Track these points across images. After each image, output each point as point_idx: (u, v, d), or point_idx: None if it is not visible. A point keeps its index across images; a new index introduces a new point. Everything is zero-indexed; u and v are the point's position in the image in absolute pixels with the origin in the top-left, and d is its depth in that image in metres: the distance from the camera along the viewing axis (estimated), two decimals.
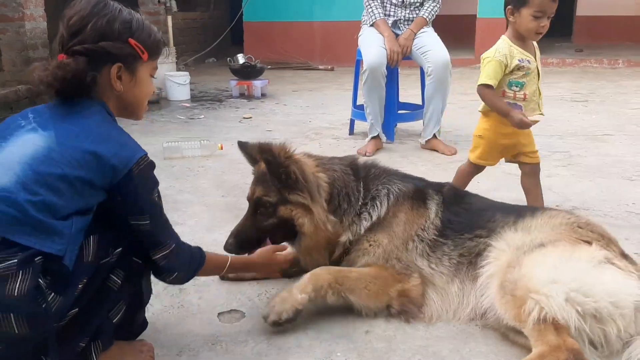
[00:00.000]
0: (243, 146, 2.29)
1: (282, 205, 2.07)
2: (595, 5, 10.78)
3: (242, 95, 6.70)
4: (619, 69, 8.44)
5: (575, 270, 1.77)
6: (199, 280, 2.33)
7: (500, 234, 2.00)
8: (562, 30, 11.57)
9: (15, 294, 1.32)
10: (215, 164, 4.00)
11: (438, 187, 2.26)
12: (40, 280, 1.37)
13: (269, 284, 2.30)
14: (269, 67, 7.28)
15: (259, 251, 2.21)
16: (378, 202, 2.15)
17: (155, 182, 1.67)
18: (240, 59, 6.84)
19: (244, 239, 2.12)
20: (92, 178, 1.48)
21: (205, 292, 2.25)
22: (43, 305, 1.37)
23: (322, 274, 1.98)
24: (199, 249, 1.88)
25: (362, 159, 2.35)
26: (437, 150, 4.22)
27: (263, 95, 6.67)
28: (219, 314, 2.11)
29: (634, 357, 1.74)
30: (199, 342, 1.93)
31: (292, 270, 2.33)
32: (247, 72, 6.67)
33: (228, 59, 6.98)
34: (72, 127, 1.53)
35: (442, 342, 1.92)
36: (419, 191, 2.19)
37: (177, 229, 2.76)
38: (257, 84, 6.62)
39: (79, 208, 1.47)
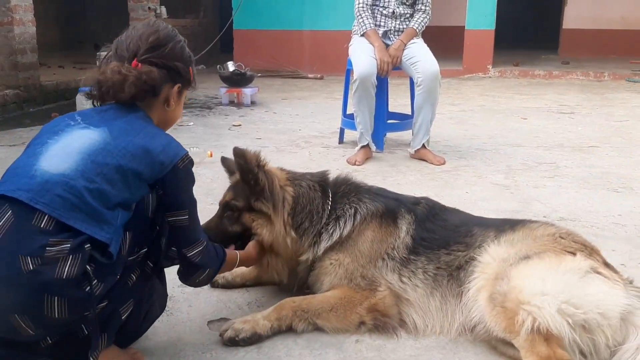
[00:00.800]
0: (224, 160, 2.35)
1: (246, 213, 2.10)
2: (581, 19, 10.95)
3: (231, 103, 6.70)
4: (604, 82, 8.56)
5: (563, 281, 1.79)
6: (188, 289, 2.32)
7: (484, 248, 2.01)
8: (548, 43, 11.75)
9: (64, 277, 1.40)
10: (204, 171, 3.98)
11: (412, 204, 2.22)
12: (87, 267, 1.44)
13: (259, 293, 2.30)
14: (259, 75, 7.29)
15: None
16: (342, 222, 2.13)
17: (194, 180, 1.79)
18: (230, 66, 6.84)
19: (211, 236, 2.01)
20: (142, 171, 1.59)
21: (194, 300, 2.24)
22: (87, 290, 1.44)
23: (287, 302, 2.00)
24: (218, 244, 1.93)
25: (334, 175, 2.32)
26: (426, 160, 4.25)
27: (253, 103, 6.67)
28: (209, 322, 2.10)
29: None
30: (188, 350, 1.92)
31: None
32: (237, 80, 6.67)
33: (218, 66, 6.98)
34: (124, 125, 1.65)
35: (432, 351, 1.93)
36: (389, 210, 2.16)
37: None
38: (247, 92, 6.62)
39: (124, 200, 1.56)
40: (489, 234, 2.06)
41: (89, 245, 1.46)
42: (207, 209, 3.22)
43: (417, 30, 4.35)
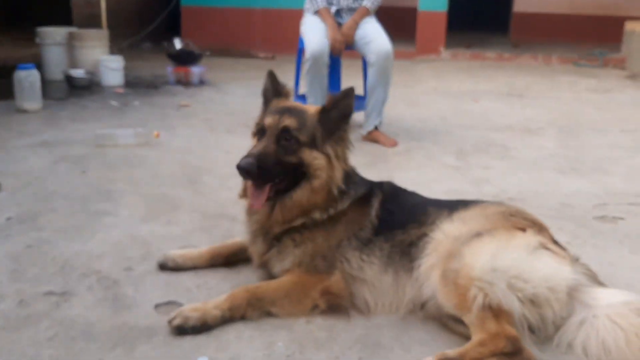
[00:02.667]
0: (273, 76, 2.22)
1: (307, 148, 1.98)
2: (531, 3, 11.13)
3: (179, 82, 6.49)
4: (552, 65, 8.76)
5: (513, 257, 1.81)
6: (134, 272, 2.24)
7: (437, 225, 2.02)
8: (499, 26, 11.92)
9: None
10: (150, 152, 3.86)
11: (380, 186, 2.24)
12: None
13: (208, 275, 2.23)
14: (208, 53, 7.08)
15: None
16: (345, 197, 2.10)
17: None
18: (177, 44, 6.62)
19: (264, 166, 1.93)
20: None
21: (141, 284, 2.16)
22: None
23: (240, 294, 1.94)
24: None
25: None
26: (378, 142, 4.23)
27: (201, 82, 6.49)
28: (156, 305, 2.03)
29: (563, 340, 1.81)
30: (134, 334, 1.85)
31: (235, 259, 2.31)
32: (185, 58, 6.47)
33: (165, 43, 6.76)
34: None
35: (383, 330, 1.92)
36: (370, 193, 2.18)
37: (110, 220, 2.72)
38: (195, 71, 6.44)
39: None
40: (443, 212, 2.07)
41: None
42: (154, 192, 3.15)
43: (370, 9, 4.31)
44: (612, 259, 2.46)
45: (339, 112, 2.05)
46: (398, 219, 2.11)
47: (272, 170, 1.95)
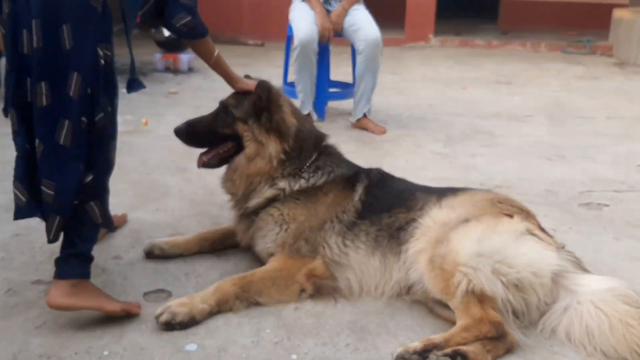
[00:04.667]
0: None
1: (240, 123, 2.16)
2: None
3: (167, 69, 6.45)
4: (541, 52, 8.77)
5: (499, 242, 1.84)
6: (122, 261, 2.25)
7: (426, 211, 2.04)
8: (488, 13, 11.91)
9: None
10: (139, 140, 3.85)
11: (367, 172, 2.29)
12: None
13: (196, 263, 2.25)
14: None
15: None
16: (319, 173, 2.19)
17: None
18: (165, 31, 6.56)
19: (194, 130, 2.24)
20: None
21: (129, 272, 2.17)
22: None
23: (227, 287, 1.95)
24: None
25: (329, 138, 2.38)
26: (367, 129, 4.25)
27: (190, 69, 6.45)
28: (145, 293, 2.05)
29: (547, 325, 1.84)
30: (123, 322, 1.86)
31: (221, 247, 2.34)
32: (173, 45, 6.40)
33: (152, 30, 6.70)
34: None
35: (370, 316, 1.95)
36: (354, 176, 2.24)
37: None
38: (184, 58, 6.39)
39: None
40: (432, 198, 2.10)
41: None
42: (142, 179, 3.14)
43: None
44: (596, 245, 2.50)
45: (255, 104, 2.16)
46: (385, 204, 2.15)
47: (201, 136, 2.23)
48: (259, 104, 2.14)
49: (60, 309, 1.80)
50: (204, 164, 2.26)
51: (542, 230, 2.03)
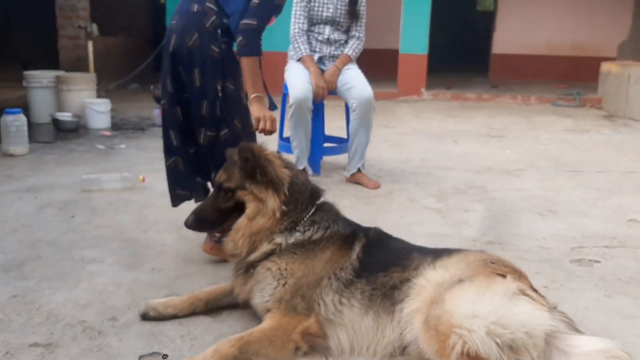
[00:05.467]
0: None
1: (239, 191, 2.25)
2: (510, 44, 11.48)
3: None
4: (531, 105, 8.98)
5: (492, 303, 1.86)
6: (118, 322, 2.26)
7: (420, 272, 2.08)
8: (479, 67, 12.25)
9: None
10: (136, 197, 3.90)
11: (366, 231, 2.34)
12: None
13: (191, 325, 2.26)
14: None
15: None
16: (315, 227, 2.24)
17: None
18: None
19: (202, 218, 2.33)
20: None
21: (125, 334, 2.18)
22: None
23: (225, 348, 1.97)
24: None
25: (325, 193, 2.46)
26: (361, 184, 4.32)
27: None
28: (141, 357, 2.05)
29: None
30: None
31: (216, 306, 2.36)
32: None
33: (152, 86, 6.85)
34: None
35: None
36: (352, 234, 2.28)
37: (96, 268, 2.74)
38: None
39: None
40: (427, 258, 2.14)
41: None
42: (139, 238, 3.18)
43: (352, 56, 4.45)
44: (588, 303, 2.52)
45: (244, 166, 2.25)
46: (381, 262, 2.17)
47: (212, 219, 2.33)
48: (247, 165, 2.22)
49: None
50: (217, 239, 2.37)
51: (534, 290, 2.05)
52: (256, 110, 2.77)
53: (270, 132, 2.82)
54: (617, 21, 11.29)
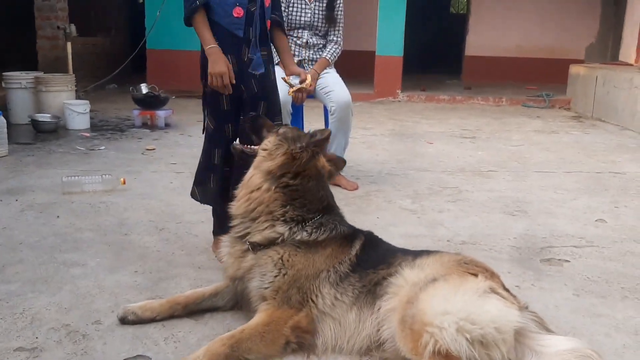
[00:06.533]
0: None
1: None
2: (482, 47, 11.69)
3: (144, 125, 6.58)
4: (502, 107, 9.17)
5: (463, 300, 1.93)
6: (102, 325, 2.30)
7: (399, 271, 2.16)
8: (453, 69, 12.45)
9: None
10: (117, 199, 3.92)
11: (364, 232, 2.46)
12: None
13: (175, 328, 2.30)
14: (173, 96, 7.20)
15: None
16: (322, 230, 2.29)
17: None
18: (144, 88, 6.73)
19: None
20: None
21: (109, 337, 2.22)
22: None
23: (217, 347, 2.01)
24: None
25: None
26: (340, 186, 4.39)
27: (167, 125, 6.59)
28: None
29: None
30: None
31: (196, 309, 2.40)
32: (151, 102, 6.57)
33: (130, 88, 6.85)
34: None
35: None
36: (353, 233, 2.39)
37: (78, 271, 2.77)
38: (161, 114, 6.54)
39: None
40: (408, 257, 2.25)
41: None
42: (121, 240, 3.21)
43: (330, 60, 4.53)
44: (558, 302, 2.62)
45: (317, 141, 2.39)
46: (373, 260, 2.28)
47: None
48: (316, 140, 2.32)
49: None
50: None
51: (506, 290, 2.15)
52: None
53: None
54: (585, 25, 11.59)
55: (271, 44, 3.07)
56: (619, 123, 7.43)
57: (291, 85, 3.32)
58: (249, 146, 2.53)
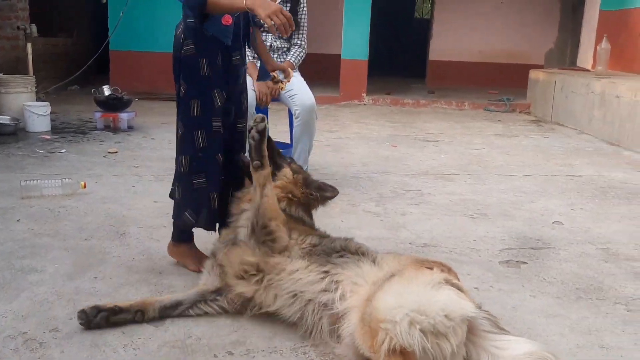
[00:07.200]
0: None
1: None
2: (445, 51, 11.88)
3: (107, 128, 6.48)
4: (465, 111, 9.34)
5: (416, 292, 1.96)
6: (60, 333, 2.27)
7: (360, 267, 2.22)
8: (417, 73, 12.62)
9: None
10: (77, 203, 3.85)
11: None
12: None
13: (135, 334, 2.28)
14: (137, 98, 7.10)
15: None
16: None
17: None
18: (106, 90, 6.62)
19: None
20: None
21: (67, 345, 2.19)
22: None
23: None
24: None
25: None
26: None
27: (130, 127, 6.50)
28: None
29: None
30: None
31: (155, 317, 2.39)
32: (113, 104, 6.47)
33: (92, 90, 6.73)
34: None
35: None
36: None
37: (36, 277, 2.73)
38: (124, 117, 6.44)
39: None
40: (370, 255, 2.33)
41: None
42: (81, 245, 3.16)
43: (294, 63, 4.54)
44: (515, 303, 2.68)
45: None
46: (337, 245, 2.40)
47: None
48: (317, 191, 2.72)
49: None
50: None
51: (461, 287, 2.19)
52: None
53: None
54: (544, 31, 11.90)
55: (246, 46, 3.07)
56: (576, 127, 7.65)
57: (280, 81, 3.43)
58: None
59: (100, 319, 2.28)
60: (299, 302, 2.24)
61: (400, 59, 14.10)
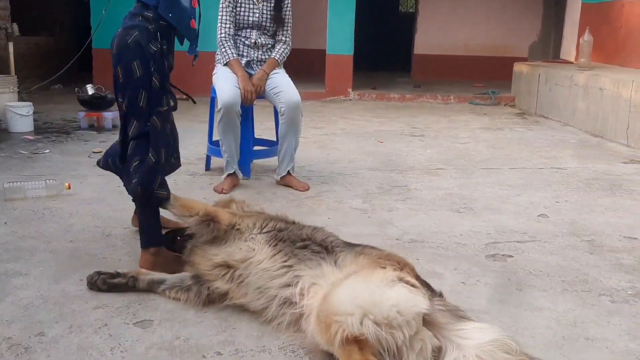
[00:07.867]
0: None
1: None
2: (430, 45, 11.91)
3: (91, 127, 6.42)
4: (450, 104, 9.37)
5: (369, 290, 2.03)
6: (46, 337, 2.25)
7: (321, 267, 2.30)
8: (403, 67, 12.64)
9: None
10: (62, 205, 3.82)
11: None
12: None
13: (122, 337, 2.27)
14: None
15: None
16: None
17: None
18: (90, 89, 6.55)
19: None
20: None
21: (53, 349, 2.17)
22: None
23: None
24: None
25: None
26: (291, 187, 4.41)
27: (114, 127, 6.42)
28: None
29: None
30: None
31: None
32: (97, 103, 6.41)
33: (76, 89, 6.66)
34: None
35: None
36: None
37: (21, 281, 2.70)
38: (108, 116, 6.39)
39: None
40: (346, 250, 2.39)
41: None
42: (66, 247, 3.13)
43: (279, 60, 4.53)
44: (502, 296, 2.70)
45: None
46: (304, 234, 2.52)
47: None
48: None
49: None
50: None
51: (418, 279, 2.21)
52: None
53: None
54: (528, 24, 11.98)
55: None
56: (560, 119, 7.71)
57: None
58: None
59: (100, 281, 2.60)
60: (265, 298, 2.34)
61: (386, 54, 14.10)
